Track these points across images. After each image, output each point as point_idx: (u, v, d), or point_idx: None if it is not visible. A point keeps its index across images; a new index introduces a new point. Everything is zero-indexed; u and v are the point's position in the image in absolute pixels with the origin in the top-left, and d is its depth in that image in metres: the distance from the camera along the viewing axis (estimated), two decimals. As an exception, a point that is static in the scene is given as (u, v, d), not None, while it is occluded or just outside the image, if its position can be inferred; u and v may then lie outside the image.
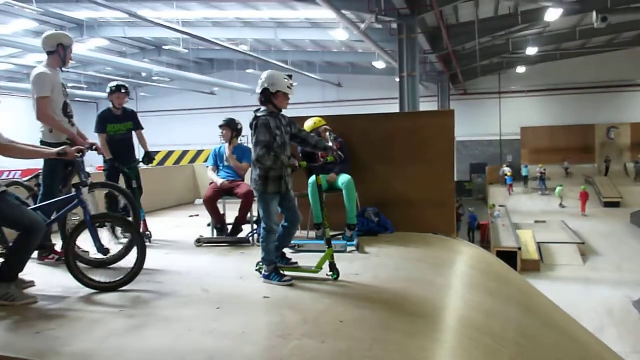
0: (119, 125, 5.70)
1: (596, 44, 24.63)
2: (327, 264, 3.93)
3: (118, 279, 3.71)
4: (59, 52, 4.39)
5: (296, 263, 4.19)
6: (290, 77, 4.02)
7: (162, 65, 25.00)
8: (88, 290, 3.64)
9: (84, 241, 3.94)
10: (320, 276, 3.93)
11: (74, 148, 3.74)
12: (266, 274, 3.92)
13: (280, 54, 23.88)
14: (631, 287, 13.78)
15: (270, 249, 3.94)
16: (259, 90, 3.99)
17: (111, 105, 5.74)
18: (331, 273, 3.91)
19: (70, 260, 3.65)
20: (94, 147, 4.33)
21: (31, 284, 3.78)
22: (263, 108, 3.99)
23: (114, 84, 5.77)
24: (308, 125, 5.54)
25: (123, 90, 5.71)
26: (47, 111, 4.28)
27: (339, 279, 3.89)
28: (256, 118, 3.93)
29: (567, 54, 25.75)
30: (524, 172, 27.45)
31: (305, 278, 3.95)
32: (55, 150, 3.68)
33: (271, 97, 3.95)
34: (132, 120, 5.80)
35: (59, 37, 4.43)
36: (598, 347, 4.89)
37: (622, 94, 27.63)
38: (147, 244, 5.46)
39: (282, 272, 3.92)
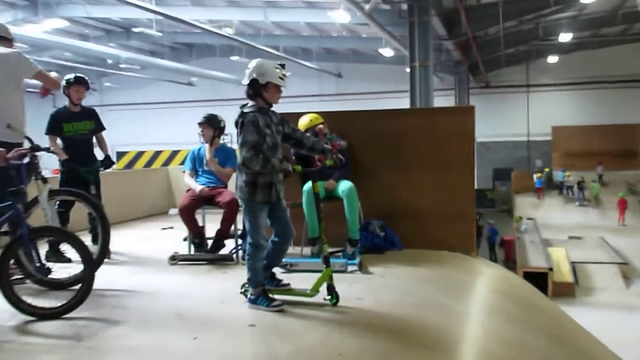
0: (79, 124, 5.71)
1: (640, 30, 24.87)
2: (324, 286, 3.94)
3: (60, 304, 3.68)
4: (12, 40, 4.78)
5: (288, 285, 4.20)
6: (282, 66, 4.05)
7: (132, 50, 24.99)
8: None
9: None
10: (316, 300, 3.94)
11: (12, 151, 3.75)
12: (252, 297, 3.93)
13: (270, 38, 23.98)
14: (681, 315, 13.82)
15: (257, 268, 3.95)
16: (245, 82, 4.01)
17: (67, 102, 5.76)
18: (329, 297, 3.92)
19: (4, 282, 3.63)
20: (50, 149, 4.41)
21: None
22: (250, 102, 4.02)
23: (71, 75, 5.80)
24: (303, 122, 5.57)
25: (82, 83, 5.74)
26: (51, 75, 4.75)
27: (338, 303, 3.90)
28: (242, 114, 3.96)
29: (606, 42, 25.94)
30: (558, 177, 27.31)
31: (298, 303, 3.96)
32: None
33: (260, 90, 3.97)
34: (93, 119, 5.86)
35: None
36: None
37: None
38: (106, 260, 5.49)
39: (271, 295, 3.93)
